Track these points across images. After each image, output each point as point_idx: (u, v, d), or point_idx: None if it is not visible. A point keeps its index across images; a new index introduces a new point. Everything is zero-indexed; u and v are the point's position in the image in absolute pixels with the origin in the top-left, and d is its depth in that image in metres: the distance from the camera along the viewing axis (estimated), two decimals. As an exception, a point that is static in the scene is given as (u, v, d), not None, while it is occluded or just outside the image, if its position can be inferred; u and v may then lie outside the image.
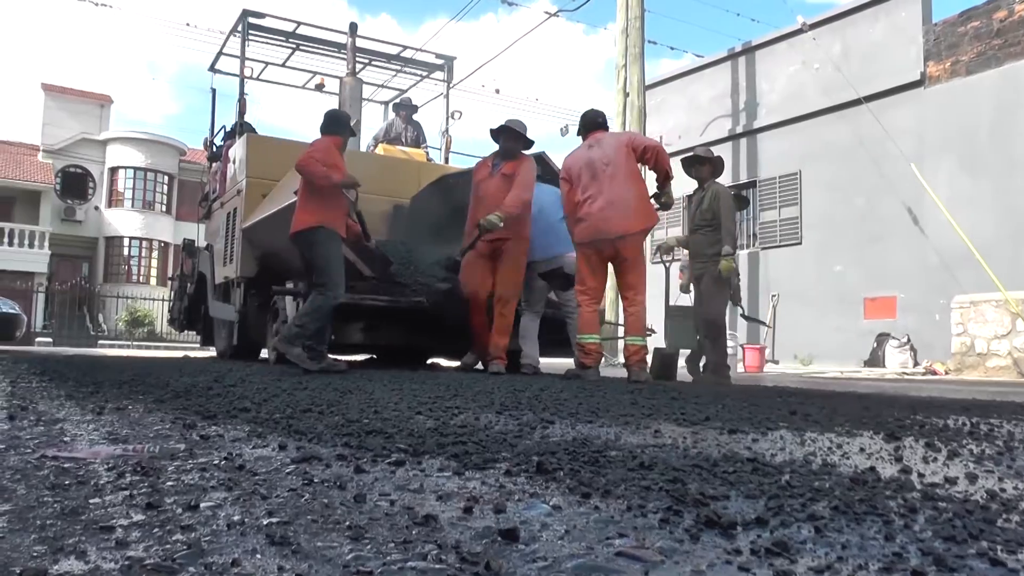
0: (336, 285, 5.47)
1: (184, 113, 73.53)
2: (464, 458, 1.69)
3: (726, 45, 14.35)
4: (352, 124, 8.09)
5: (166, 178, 34.60)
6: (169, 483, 1.34)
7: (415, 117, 10.97)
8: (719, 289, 6.31)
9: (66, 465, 1.50)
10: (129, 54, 74.13)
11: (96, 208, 33.52)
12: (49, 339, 27.14)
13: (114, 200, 33.63)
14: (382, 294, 6.58)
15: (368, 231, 6.41)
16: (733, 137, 13.94)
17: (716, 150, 14.10)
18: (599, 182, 5.50)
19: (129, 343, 27.19)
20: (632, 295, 5.59)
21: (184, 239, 13.54)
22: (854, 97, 11.71)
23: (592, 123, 5.92)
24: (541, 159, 7.18)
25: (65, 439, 1.88)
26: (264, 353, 8.27)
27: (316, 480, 1.44)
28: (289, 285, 6.85)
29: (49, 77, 33.96)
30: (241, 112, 10.27)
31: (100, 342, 28.02)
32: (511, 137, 6.30)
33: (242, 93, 10.29)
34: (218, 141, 11.61)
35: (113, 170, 33.66)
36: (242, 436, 2.08)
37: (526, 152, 6.60)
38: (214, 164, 11.07)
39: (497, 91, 19.14)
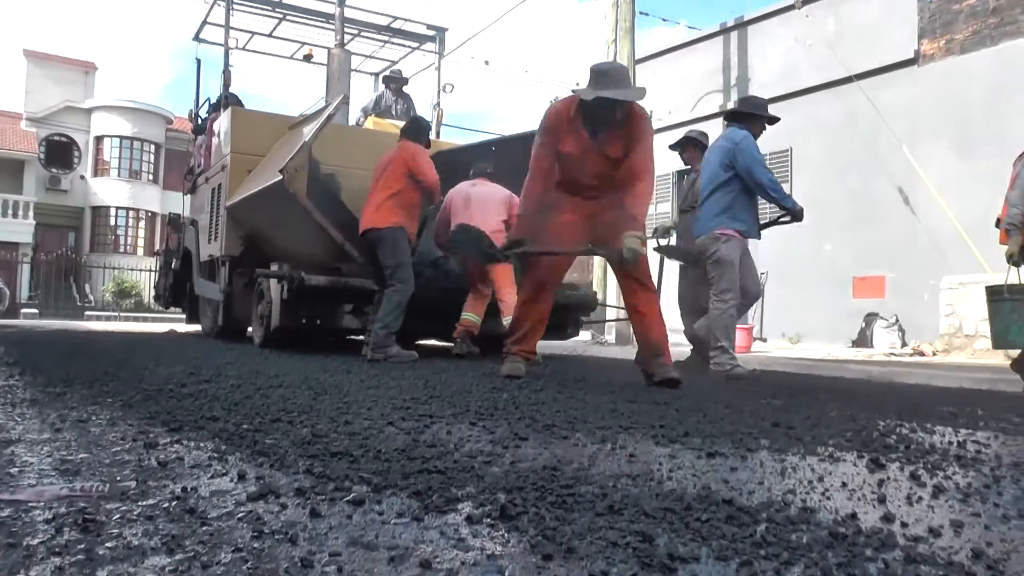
0: (410, 280, 5.86)
1: (176, 82, 72.67)
2: (427, 496, 1.61)
3: (719, 18, 14.13)
4: (340, 99, 8.01)
5: (152, 147, 34.24)
6: (108, 545, 1.26)
7: (405, 90, 10.78)
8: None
9: (4, 513, 1.42)
10: (117, 21, 73.02)
11: (82, 177, 33.17)
12: (35, 310, 26.96)
13: (100, 169, 33.27)
14: (370, 277, 6.46)
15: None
16: (724, 113, 13.78)
17: (707, 125, 14.04)
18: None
19: (116, 314, 27.04)
20: None
21: (170, 212, 13.35)
22: (846, 75, 11.58)
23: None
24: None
25: (12, 471, 1.80)
26: (250, 330, 8.15)
27: (267, 531, 1.36)
28: (274, 267, 6.74)
29: (32, 43, 33.43)
30: (226, 84, 10.09)
31: (87, 313, 27.86)
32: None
33: (227, 65, 10.12)
34: (204, 113, 11.45)
35: (98, 139, 33.26)
36: (203, 460, 2.00)
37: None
38: (199, 137, 10.88)
39: (487, 63, 18.82)
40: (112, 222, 33.62)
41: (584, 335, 11.15)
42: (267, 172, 6.92)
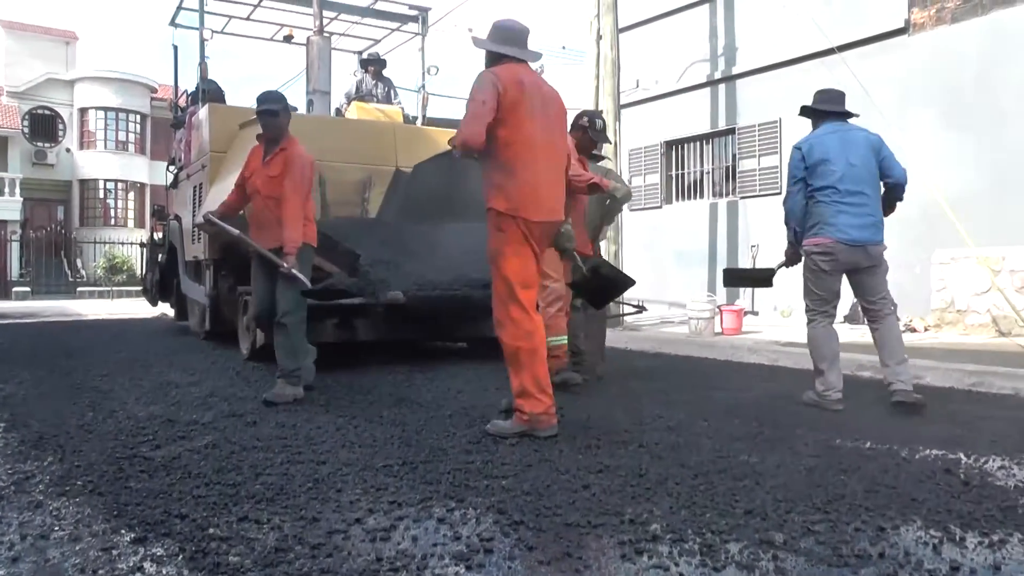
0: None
1: (164, 52, 71.21)
2: None
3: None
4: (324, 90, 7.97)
5: (138, 117, 33.86)
6: None
7: (385, 73, 10.59)
8: None
9: None
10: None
11: (68, 150, 32.87)
12: (27, 288, 26.94)
13: (86, 142, 32.95)
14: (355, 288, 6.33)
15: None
16: (712, 83, 13.58)
17: (695, 96, 13.89)
18: None
19: (109, 289, 27.00)
20: None
21: (156, 205, 13.25)
22: (834, 44, 11.37)
23: None
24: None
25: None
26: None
27: None
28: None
29: (9, 14, 32.69)
30: (202, 76, 9.89)
31: (79, 289, 27.84)
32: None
33: (203, 57, 9.90)
34: (184, 104, 11.25)
35: (83, 111, 32.88)
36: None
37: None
38: (179, 131, 10.71)
39: (470, 30, 18.47)
40: (101, 195, 33.40)
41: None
42: (227, 181, 6.69)
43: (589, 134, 5.52)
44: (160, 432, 3.97)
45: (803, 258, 5.07)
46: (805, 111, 5.33)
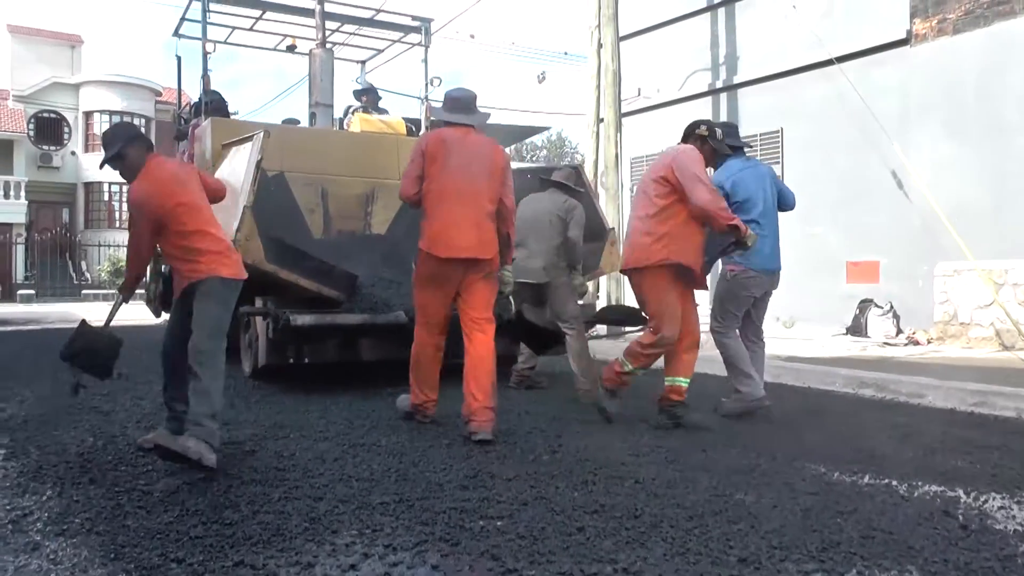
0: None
1: (169, 55, 71.21)
2: None
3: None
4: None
5: (143, 120, 33.92)
6: None
7: (381, 105, 10.58)
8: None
9: None
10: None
11: (73, 153, 32.99)
12: (32, 291, 27.02)
13: (91, 145, 33.06)
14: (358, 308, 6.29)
15: None
16: (713, 92, 13.57)
17: (696, 105, 13.88)
18: None
19: (113, 292, 27.02)
20: None
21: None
22: (836, 55, 11.36)
23: None
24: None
25: None
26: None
27: None
28: (258, 302, 6.55)
29: (15, 18, 32.74)
30: (205, 89, 9.89)
31: (84, 292, 27.92)
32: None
33: (205, 70, 9.87)
34: (187, 115, 11.25)
35: (88, 114, 33.02)
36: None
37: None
38: (181, 143, 10.71)
39: (472, 36, 18.47)
40: (106, 198, 33.52)
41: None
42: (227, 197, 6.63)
43: (711, 144, 5.12)
44: (159, 461, 3.97)
45: (727, 281, 5.52)
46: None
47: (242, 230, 5.60)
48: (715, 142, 5.13)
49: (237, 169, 6.31)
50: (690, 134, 5.15)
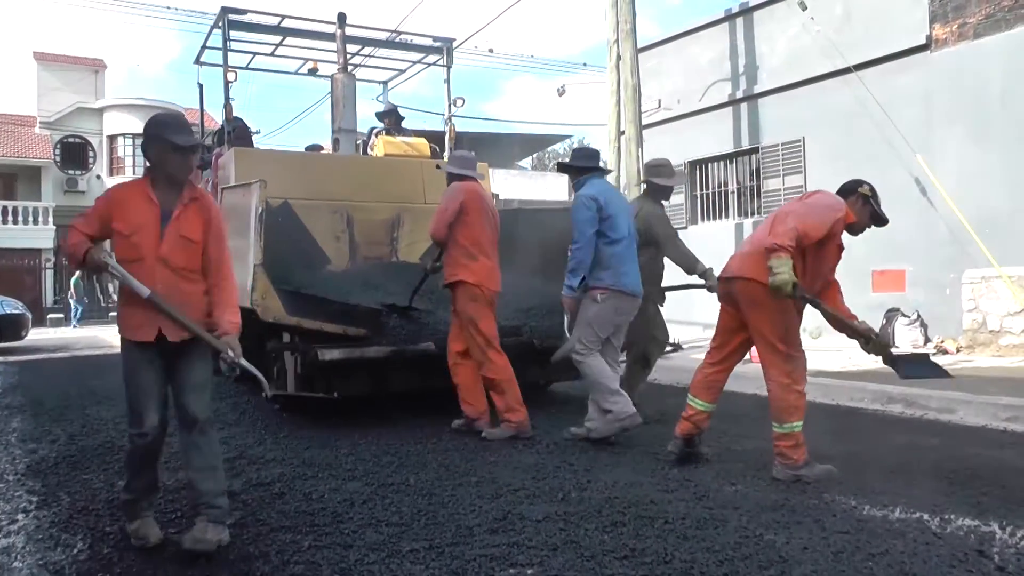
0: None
1: (185, 59, 71.92)
2: None
3: (724, 4, 13.83)
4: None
5: (166, 142, 34.22)
6: None
7: (404, 126, 10.61)
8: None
9: None
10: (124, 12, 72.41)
11: (98, 177, 33.46)
12: (61, 315, 27.35)
13: (115, 168, 33.54)
14: (386, 340, 6.26)
15: None
16: (734, 102, 13.53)
17: (717, 115, 13.82)
18: None
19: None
20: None
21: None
22: (856, 62, 11.28)
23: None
24: None
25: None
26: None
27: None
28: (286, 338, 6.52)
29: (40, 45, 33.34)
30: (227, 118, 9.95)
31: (111, 315, 28.19)
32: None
33: (227, 98, 9.92)
34: (210, 143, 11.34)
35: (111, 138, 33.48)
36: None
37: None
38: (204, 172, 10.80)
39: (491, 50, 18.54)
40: (131, 220, 33.84)
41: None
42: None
43: (872, 205, 4.51)
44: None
45: (597, 303, 5.32)
46: (564, 168, 5.98)
47: (257, 289, 5.59)
48: (876, 205, 4.51)
49: (241, 217, 6.15)
50: (851, 191, 4.50)
